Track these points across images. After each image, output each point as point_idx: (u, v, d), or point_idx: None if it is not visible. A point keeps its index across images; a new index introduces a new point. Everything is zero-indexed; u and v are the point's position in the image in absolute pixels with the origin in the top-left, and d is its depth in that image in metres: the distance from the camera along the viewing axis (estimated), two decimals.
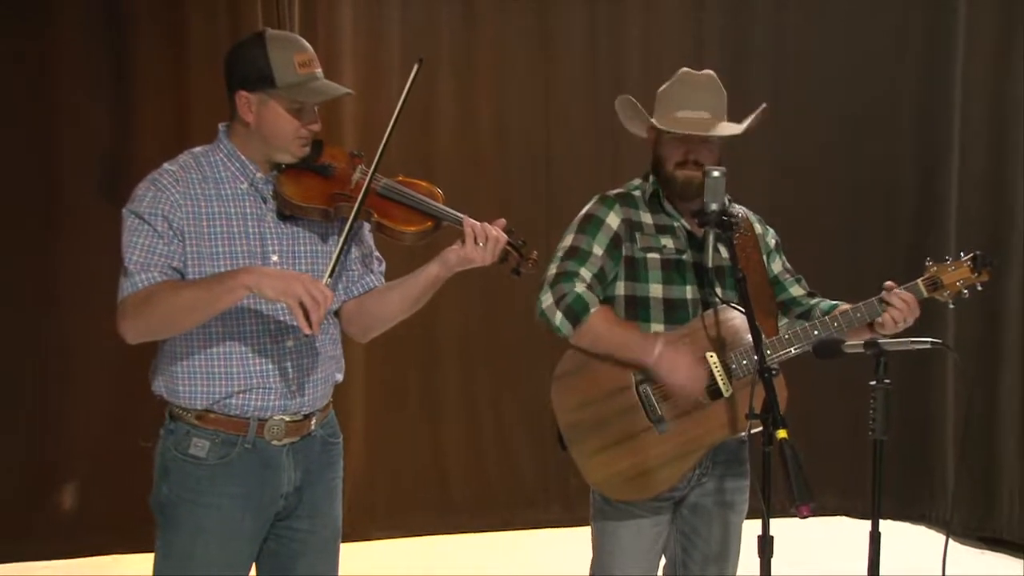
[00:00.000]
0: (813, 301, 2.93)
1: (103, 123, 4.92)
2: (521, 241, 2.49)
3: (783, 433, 2.37)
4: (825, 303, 2.89)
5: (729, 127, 2.78)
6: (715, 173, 2.65)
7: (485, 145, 5.45)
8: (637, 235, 2.82)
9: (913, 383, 5.27)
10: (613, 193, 2.89)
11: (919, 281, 2.78)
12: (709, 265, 2.65)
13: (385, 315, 2.57)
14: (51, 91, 4.85)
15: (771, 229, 3.01)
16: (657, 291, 2.80)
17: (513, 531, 5.40)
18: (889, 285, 2.77)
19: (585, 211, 2.87)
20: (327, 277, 2.34)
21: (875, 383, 2.54)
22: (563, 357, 2.81)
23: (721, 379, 2.72)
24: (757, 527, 2.44)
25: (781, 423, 2.39)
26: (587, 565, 2.93)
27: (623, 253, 2.81)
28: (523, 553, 5.16)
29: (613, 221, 2.82)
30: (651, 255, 2.81)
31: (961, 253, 2.81)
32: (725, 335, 2.74)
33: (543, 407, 2.82)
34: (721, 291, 2.78)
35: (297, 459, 2.48)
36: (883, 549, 2.56)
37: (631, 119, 2.92)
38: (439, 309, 5.14)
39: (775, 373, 2.48)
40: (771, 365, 2.50)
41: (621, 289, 2.82)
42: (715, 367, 2.72)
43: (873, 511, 2.55)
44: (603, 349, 2.74)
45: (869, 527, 2.56)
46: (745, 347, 2.72)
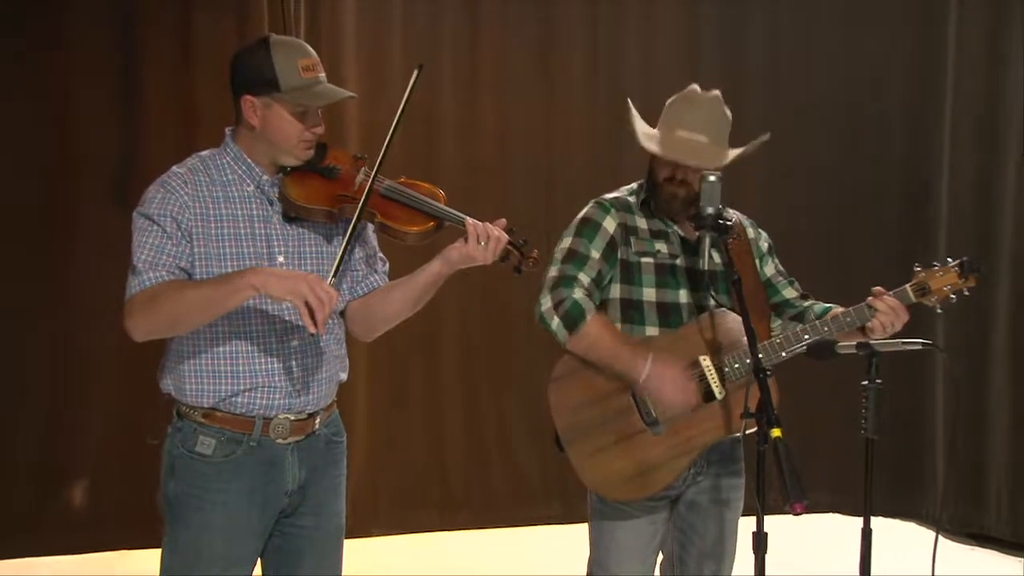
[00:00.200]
0: (806, 303, 2.92)
1: (113, 128, 4.91)
2: (522, 240, 2.49)
3: (777, 432, 2.37)
4: (819, 306, 2.88)
5: (713, 157, 2.74)
6: (711, 178, 2.64)
7: (487, 150, 5.44)
8: (632, 239, 2.82)
9: (904, 383, 5.26)
10: (609, 198, 2.89)
11: (907, 287, 2.76)
12: (704, 268, 2.65)
13: (389, 314, 2.57)
14: (62, 95, 4.84)
15: (763, 233, 3.00)
16: (651, 295, 2.80)
17: (513, 528, 5.39)
18: (878, 291, 2.76)
19: (582, 215, 2.87)
20: (331, 277, 2.33)
21: (867, 383, 2.54)
22: (560, 360, 2.81)
23: (714, 382, 2.71)
24: (752, 524, 2.43)
25: (775, 422, 2.38)
26: (586, 562, 2.93)
27: (619, 257, 2.81)
28: (523, 550, 5.15)
29: (609, 225, 2.82)
30: (645, 259, 2.81)
31: (948, 259, 2.78)
32: (719, 338, 2.74)
33: (543, 406, 2.81)
34: (715, 294, 2.77)
35: (302, 457, 2.47)
36: (874, 545, 2.57)
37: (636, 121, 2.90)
38: (441, 310, 5.14)
39: (769, 374, 2.47)
40: (765, 366, 2.50)
41: (616, 292, 2.82)
42: (708, 371, 2.72)
43: (865, 508, 2.56)
44: (595, 358, 2.73)
45: (861, 524, 2.56)
46: (739, 350, 2.71)
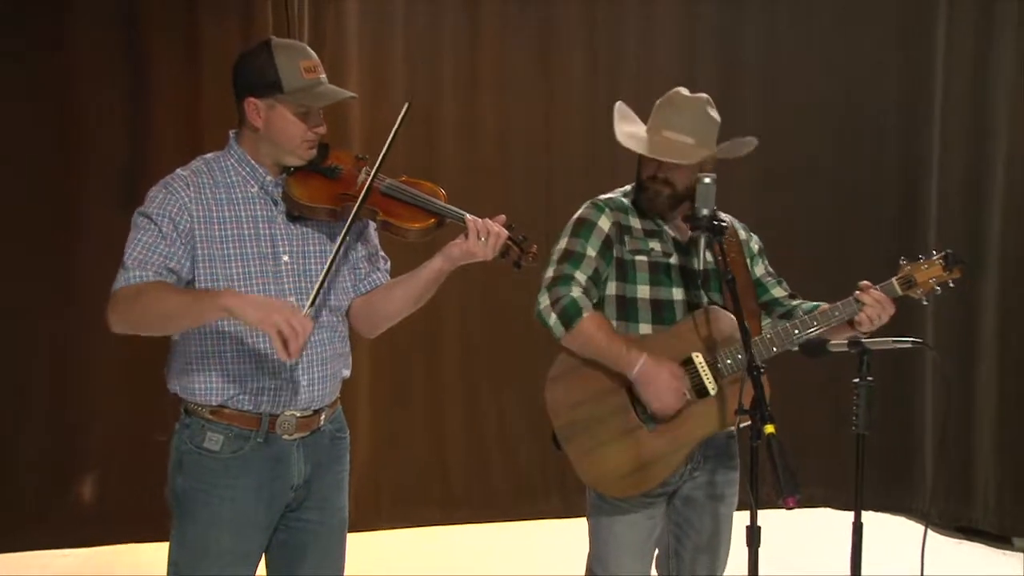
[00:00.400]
0: (795, 302, 2.92)
1: (118, 129, 4.89)
2: (521, 236, 2.49)
3: (771, 428, 2.36)
4: (807, 304, 2.88)
5: (693, 155, 2.74)
6: (706, 180, 2.64)
7: (487, 151, 5.42)
8: (626, 238, 2.82)
9: (894, 380, 5.26)
10: (604, 198, 2.89)
11: (894, 280, 2.76)
12: (700, 268, 2.64)
13: (391, 310, 2.56)
14: (67, 97, 4.82)
15: (755, 235, 3.01)
16: (645, 292, 2.80)
17: (513, 523, 5.38)
18: (864, 285, 2.76)
19: (578, 215, 2.87)
20: (308, 307, 2.30)
21: (858, 380, 2.54)
22: (556, 360, 2.81)
23: (707, 378, 2.71)
24: (746, 518, 2.43)
25: (769, 419, 2.38)
26: (585, 556, 2.93)
27: (614, 255, 2.81)
28: (523, 545, 5.14)
29: (605, 224, 2.82)
30: (639, 258, 2.81)
31: (933, 252, 2.78)
32: (712, 335, 2.73)
33: (542, 404, 2.81)
34: (708, 292, 2.77)
35: (307, 453, 2.47)
36: (865, 539, 2.57)
37: (620, 122, 2.90)
38: (442, 308, 5.14)
39: (762, 371, 2.48)
40: (758, 364, 2.49)
41: (612, 289, 2.82)
42: (701, 367, 2.72)
43: (856, 503, 2.56)
44: (590, 355, 2.74)
45: (852, 518, 2.56)
46: (732, 346, 2.71)
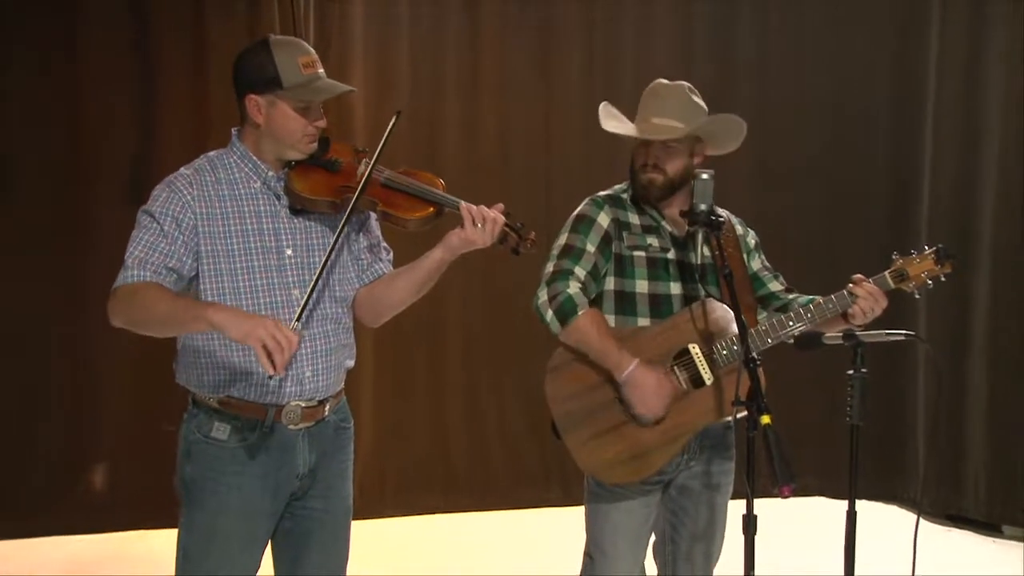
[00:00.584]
0: (790, 296, 2.92)
1: (127, 132, 4.90)
2: (519, 223, 2.48)
3: (767, 419, 2.37)
4: (802, 298, 2.88)
5: (674, 133, 2.74)
6: (704, 176, 2.63)
7: (487, 151, 5.41)
8: (625, 234, 2.82)
9: (887, 372, 5.27)
10: (602, 195, 2.89)
11: (886, 273, 2.76)
12: (697, 262, 2.64)
13: (394, 300, 2.56)
14: (77, 100, 4.83)
15: (751, 231, 3.00)
16: (643, 287, 2.80)
17: (514, 510, 5.39)
18: (857, 278, 2.76)
19: (577, 212, 2.87)
20: (295, 322, 2.28)
21: (852, 372, 2.54)
22: (555, 352, 2.81)
23: (703, 368, 2.71)
24: (742, 507, 2.44)
25: (765, 409, 2.38)
26: (583, 543, 2.93)
27: (613, 251, 2.81)
28: (523, 531, 5.15)
29: (603, 220, 2.82)
30: (637, 253, 2.81)
31: (925, 246, 2.79)
32: (708, 326, 2.73)
33: (542, 395, 2.81)
34: (705, 286, 2.77)
35: (312, 442, 2.47)
36: (859, 527, 2.56)
37: (607, 118, 2.91)
38: (444, 300, 5.14)
39: (759, 363, 2.47)
40: (754, 355, 2.49)
41: (611, 284, 2.81)
42: (697, 357, 2.72)
43: (850, 491, 2.55)
44: (585, 351, 2.74)
45: (846, 506, 2.56)
46: (727, 337, 2.71)
